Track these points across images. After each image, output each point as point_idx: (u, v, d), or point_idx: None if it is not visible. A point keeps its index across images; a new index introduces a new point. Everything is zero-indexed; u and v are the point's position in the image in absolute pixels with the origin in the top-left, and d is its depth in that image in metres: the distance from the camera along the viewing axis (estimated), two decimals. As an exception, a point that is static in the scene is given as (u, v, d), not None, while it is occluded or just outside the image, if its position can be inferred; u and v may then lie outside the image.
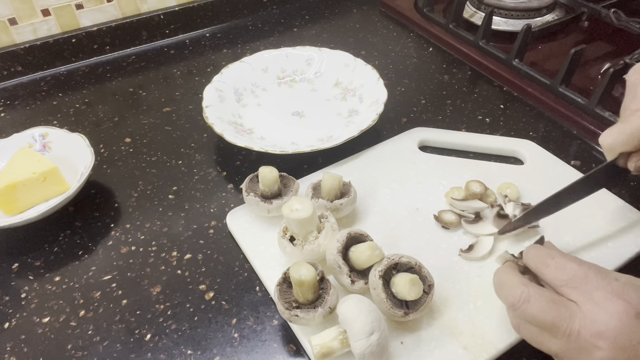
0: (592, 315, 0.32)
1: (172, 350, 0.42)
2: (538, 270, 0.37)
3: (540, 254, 0.37)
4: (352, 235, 0.43)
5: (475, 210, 0.49)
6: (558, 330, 0.33)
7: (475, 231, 0.48)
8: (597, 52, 0.75)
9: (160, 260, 0.49)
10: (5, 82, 0.75)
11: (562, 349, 0.33)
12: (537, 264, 0.37)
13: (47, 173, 0.52)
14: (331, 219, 0.45)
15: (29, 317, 0.45)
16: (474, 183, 0.51)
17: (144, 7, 0.82)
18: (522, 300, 0.34)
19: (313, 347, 0.37)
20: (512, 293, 0.35)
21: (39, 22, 0.75)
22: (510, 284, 0.36)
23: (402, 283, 0.39)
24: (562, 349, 0.33)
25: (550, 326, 0.33)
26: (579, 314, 0.32)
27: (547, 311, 0.33)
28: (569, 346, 0.33)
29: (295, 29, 0.87)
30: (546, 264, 0.36)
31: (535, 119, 0.64)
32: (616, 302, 0.31)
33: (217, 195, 0.56)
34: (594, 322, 0.31)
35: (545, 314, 0.33)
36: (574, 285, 0.33)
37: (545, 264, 0.36)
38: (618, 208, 0.50)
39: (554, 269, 0.35)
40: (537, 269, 0.37)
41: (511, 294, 0.35)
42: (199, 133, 0.64)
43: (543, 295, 0.34)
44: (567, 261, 0.35)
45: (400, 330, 0.41)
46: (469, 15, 0.81)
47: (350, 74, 0.68)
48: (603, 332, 0.31)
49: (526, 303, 0.34)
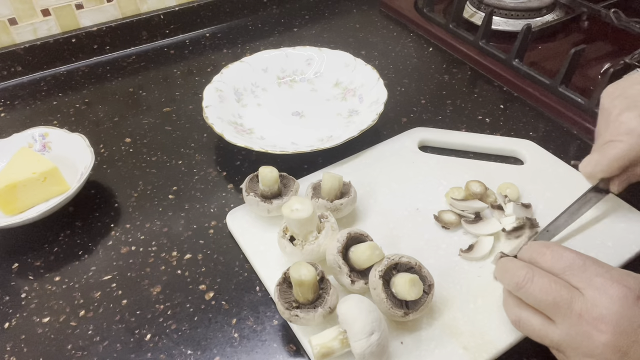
0: (594, 300, 0.32)
1: (172, 350, 0.42)
2: (534, 260, 0.37)
3: (534, 245, 0.38)
4: (352, 235, 0.43)
5: (475, 210, 0.49)
6: (559, 310, 0.33)
7: (475, 231, 0.48)
8: (597, 52, 0.75)
9: (160, 260, 0.49)
10: (5, 82, 0.75)
11: (563, 337, 0.33)
12: (533, 255, 0.37)
13: (47, 173, 0.52)
14: (331, 219, 0.45)
15: (29, 317, 0.45)
16: (474, 183, 0.51)
17: (144, 7, 0.82)
18: (526, 279, 0.35)
19: (313, 347, 0.37)
20: (517, 274, 0.36)
21: (39, 22, 0.75)
22: (515, 267, 0.37)
23: (402, 283, 0.39)
24: (563, 336, 0.33)
25: (552, 306, 0.33)
26: (580, 297, 0.33)
27: (548, 290, 0.34)
28: (570, 331, 0.33)
29: (295, 29, 0.87)
30: (542, 253, 0.36)
31: (535, 119, 0.64)
32: (616, 287, 0.32)
33: (217, 195, 0.56)
34: (595, 306, 0.32)
35: (546, 293, 0.34)
36: (573, 272, 0.34)
37: (541, 253, 0.36)
38: (618, 208, 0.50)
39: (551, 258, 0.35)
40: (533, 259, 0.37)
41: (516, 275, 0.36)
42: (199, 133, 0.64)
43: (546, 276, 0.35)
44: (564, 250, 0.36)
45: (400, 330, 0.41)
46: (469, 15, 0.81)
47: (350, 74, 0.68)
48: (605, 316, 0.31)
49: (530, 282, 0.35)
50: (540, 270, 0.35)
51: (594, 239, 0.47)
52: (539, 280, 0.35)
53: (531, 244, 0.38)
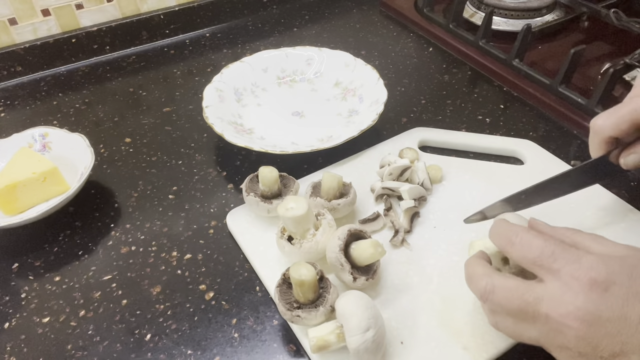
0: (559, 296, 0.31)
1: (172, 350, 0.42)
2: (504, 250, 0.36)
3: (503, 232, 0.36)
4: (352, 232, 0.43)
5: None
6: (526, 315, 0.33)
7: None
8: (597, 52, 0.75)
9: (160, 260, 0.49)
10: (5, 82, 0.75)
11: (538, 334, 0.33)
12: (502, 244, 0.36)
13: (47, 173, 0.52)
14: (328, 216, 0.45)
15: (29, 317, 0.45)
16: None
17: (144, 7, 0.82)
18: (487, 291, 0.34)
19: (310, 339, 0.37)
20: (478, 286, 0.35)
21: (39, 22, 0.75)
22: (476, 276, 0.36)
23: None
24: (537, 334, 0.33)
25: (518, 312, 0.33)
26: (545, 296, 0.32)
27: (511, 298, 0.33)
28: (542, 329, 0.32)
29: (295, 29, 0.87)
30: (511, 243, 0.35)
31: (535, 119, 0.64)
32: (582, 279, 0.31)
33: (217, 195, 0.56)
34: (561, 303, 0.31)
35: (510, 301, 0.33)
36: (541, 263, 0.33)
37: (510, 243, 0.35)
38: (618, 208, 0.50)
39: (520, 248, 0.34)
40: (504, 249, 0.36)
41: (477, 287, 0.35)
42: (199, 133, 0.64)
43: (507, 283, 0.34)
44: (532, 237, 0.34)
45: (400, 330, 0.41)
46: (469, 15, 0.81)
47: (350, 74, 0.68)
48: (571, 312, 0.30)
49: (492, 294, 0.34)
50: (499, 278, 0.34)
51: (594, 239, 0.47)
52: (500, 289, 0.34)
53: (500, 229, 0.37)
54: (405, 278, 0.45)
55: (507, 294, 0.33)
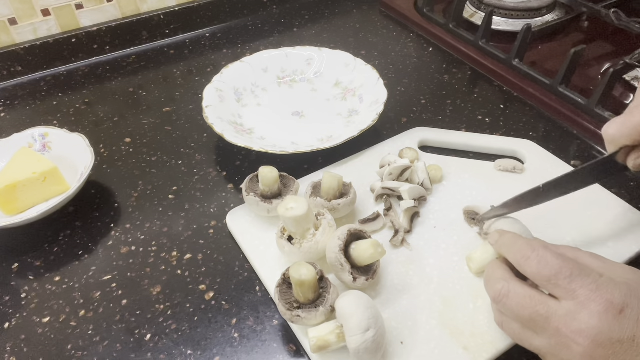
0: (574, 314, 0.32)
1: (172, 350, 0.42)
2: (518, 264, 0.36)
3: (518, 245, 0.36)
4: (352, 232, 0.43)
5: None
6: (535, 325, 0.33)
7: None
8: (597, 52, 0.75)
9: (160, 260, 0.49)
10: (5, 82, 0.75)
11: (542, 345, 0.33)
12: (517, 257, 0.36)
13: (47, 173, 0.52)
14: (328, 216, 0.45)
15: (29, 317, 0.45)
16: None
17: (144, 7, 0.82)
18: (502, 294, 0.35)
19: (310, 339, 0.37)
20: (494, 287, 0.36)
21: (39, 22, 0.75)
22: (493, 278, 0.36)
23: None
24: (542, 344, 0.33)
25: (528, 321, 0.33)
26: (559, 311, 0.32)
27: (524, 306, 0.33)
28: (549, 341, 0.33)
29: (295, 29, 0.87)
30: (526, 257, 0.35)
31: (535, 119, 0.64)
32: (599, 302, 0.31)
33: (217, 195, 0.56)
34: (574, 320, 0.31)
35: (522, 309, 0.34)
36: (556, 282, 0.33)
37: (525, 257, 0.35)
38: (618, 208, 0.50)
39: (536, 264, 0.34)
40: (517, 263, 0.36)
41: (492, 288, 0.36)
42: (199, 133, 0.64)
43: (522, 291, 0.34)
44: (550, 256, 0.34)
45: (400, 330, 0.41)
46: (469, 15, 0.81)
47: (350, 74, 0.68)
48: (583, 330, 0.31)
49: (506, 297, 0.35)
50: (517, 284, 0.35)
51: (594, 239, 0.47)
52: (514, 295, 0.34)
53: (514, 241, 0.37)
54: (405, 278, 0.45)
55: (521, 301, 0.34)
